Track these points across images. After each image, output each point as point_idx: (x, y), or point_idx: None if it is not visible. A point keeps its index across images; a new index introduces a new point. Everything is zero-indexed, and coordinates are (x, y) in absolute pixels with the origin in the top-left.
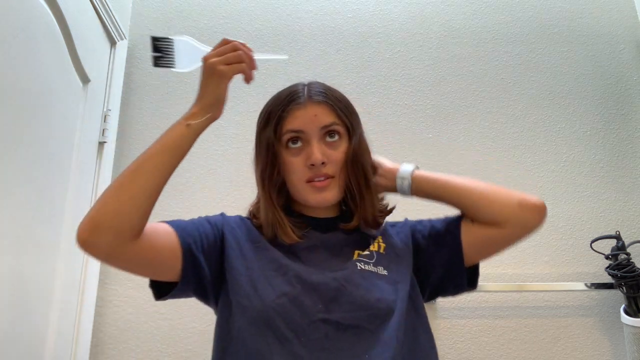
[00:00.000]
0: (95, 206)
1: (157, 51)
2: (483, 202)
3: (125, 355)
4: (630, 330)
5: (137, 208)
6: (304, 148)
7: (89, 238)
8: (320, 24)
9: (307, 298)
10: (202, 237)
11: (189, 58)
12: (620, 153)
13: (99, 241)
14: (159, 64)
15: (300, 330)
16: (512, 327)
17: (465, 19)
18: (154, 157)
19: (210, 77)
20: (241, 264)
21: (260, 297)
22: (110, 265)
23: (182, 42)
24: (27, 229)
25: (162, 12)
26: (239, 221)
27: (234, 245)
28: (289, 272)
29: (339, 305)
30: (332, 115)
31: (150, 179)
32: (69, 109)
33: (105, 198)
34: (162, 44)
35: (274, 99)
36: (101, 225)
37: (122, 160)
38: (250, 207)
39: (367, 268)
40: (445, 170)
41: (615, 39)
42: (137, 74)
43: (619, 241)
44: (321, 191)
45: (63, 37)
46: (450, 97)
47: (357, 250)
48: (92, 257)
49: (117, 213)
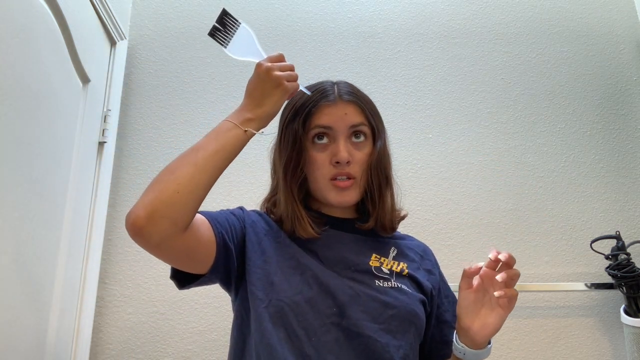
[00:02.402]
0: (149, 195)
1: (221, 24)
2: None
3: (125, 355)
4: (630, 330)
5: (194, 201)
6: (330, 145)
7: (145, 226)
8: (320, 24)
9: (322, 300)
10: (231, 228)
11: (243, 49)
12: (620, 153)
13: (154, 230)
14: (215, 35)
15: (312, 330)
16: (512, 327)
17: (465, 19)
18: (214, 155)
19: (274, 89)
20: (260, 258)
21: (276, 292)
22: (154, 255)
23: (246, 31)
24: (27, 229)
25: (162, 12)
26: (257, 216)
27: (254, 239)
28: (306, 272)
29: (352, 312)
30: (361, 116)
31: (209, 176)
32: (69, 109)
33: (162, 188)
34: (228, 21)
35: (301, 94)
36: (159, 214)
37: (122, 160)
38: (266, 203)
39: (387, 285)
40: (445, 170)
41: (615, 39)
42: (137, 74)
43: (619, 241)
44: (343, 191)
45: (63, 37)
46: (450, 97)
47: (374, 253)
48: (141, 245)
49: (175, 203)
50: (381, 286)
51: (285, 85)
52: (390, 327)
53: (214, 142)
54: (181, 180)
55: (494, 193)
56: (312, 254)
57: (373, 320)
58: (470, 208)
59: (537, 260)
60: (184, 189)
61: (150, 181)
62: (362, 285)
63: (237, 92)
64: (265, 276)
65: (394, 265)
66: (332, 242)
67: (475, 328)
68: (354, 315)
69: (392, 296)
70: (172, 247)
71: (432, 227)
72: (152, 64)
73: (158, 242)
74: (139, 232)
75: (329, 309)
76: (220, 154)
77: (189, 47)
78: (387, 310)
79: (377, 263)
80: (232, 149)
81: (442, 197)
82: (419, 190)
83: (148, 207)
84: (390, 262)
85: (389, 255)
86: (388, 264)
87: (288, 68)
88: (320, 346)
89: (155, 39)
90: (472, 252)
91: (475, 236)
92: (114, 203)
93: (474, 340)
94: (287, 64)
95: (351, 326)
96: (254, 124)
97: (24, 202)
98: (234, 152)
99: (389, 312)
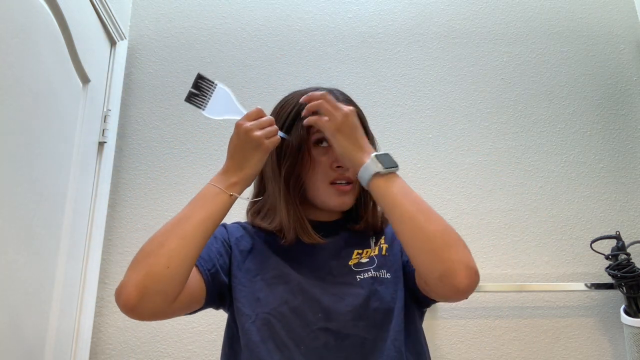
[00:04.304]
0: (140, 271)
1: (196, 89)
2: (411, 251)
3: (125, 355)
4: (630, 330)
5: (185, 272)
6: (329, 149)
7: (137, 304)
8: (320, 24)
9: (308, 307)
10: (217, 257)
11: (222, 108)
12: (620, 153)
13: (146, 306)
14: (191, 100)
15: (300, 339)
16: (512, 327)
17: (465, 19)
18: (201, 225)
19: (254, 150)
20: (245, 276)
21: (262, 306)
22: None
23: (223, 91)
24: (27, 229)
25: (162, 12)
26: (240, 229)
27: (239, 257)
28: (291, 281)
29: (338, 315)
30: (357, 122)
31: (198, 246)
32: (69, 109)
33: (152, 263)
34: (204, 84)
35: (299, 99)
36: (150, 291)
37: (122, 160)
38: (256, 215)
39: (368, 276)
40: (445, 170)
41: (615, 39)
42: (137, 74)
43: (619, 241)
44: (343, 195)
45: (63, 37)
46: (450, 97)
47: (356, 250)
48: (134, 319)
49: (166, 278)
50: (362, 279)
51: (266, 144)
52: (376, 320)
53: (200, 210)
54: (171, 253)
55: (494, 193)
56: (295, 262)
57: (359, 317)
58: (470, 208)
59: (537, 260)
60: (174, 262)
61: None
62: (345, 285)
63: (237, 93)
64: (251, 293)
65: (374, 250)
66: (315, 248)
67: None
68: (340, 317)
69: (373, 288)
70: (167, 314)
71: None
72: (152, 64)
73: (151, 316)
74: (132, 310)
75: (315, 315)
76: (207, 222)
77: (189, 47)
78: (371, 304)
79: (357, 260)
80: (218, 215)
81: (442, 197)
82: (419, 190)
83: (140, 285)
84: (369, 251)
85: (370, 244)
86: (367, 253)
87: (267, 124)
88: (310, 353)
89: (155, 39)
90: (472, 252)
91: (475, 236)
92: (114, 203)
93: (351, 162)
94: (266, 119)
95: (339, 329)
96: (238, 188)
97: (24, 202)
98: (220, 217)
99: (373, 306)
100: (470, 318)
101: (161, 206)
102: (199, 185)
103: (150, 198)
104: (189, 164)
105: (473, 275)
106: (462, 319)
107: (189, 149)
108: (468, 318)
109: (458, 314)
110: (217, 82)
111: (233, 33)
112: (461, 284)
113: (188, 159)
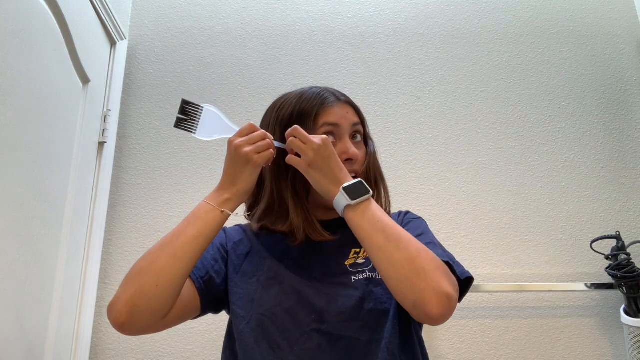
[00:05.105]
0: (130, 288)
1: (184, 114)
2: (385, 281)
3: (125, 355)
4: (630, 330)
5: (175, 290)
6: (336, 143)
7: (126, 321)
8: (320, 25)
9: (301, 309)
10: (211, 263)
11: (213, 128)
12: (620, 153)
13: (135, 323)
14: (180, 126)
15: (293, 340)
16: (512, 327)
17: (465, 19)
18: (192, 242)
19: (244, 166)
20: (241, 280)
21: (256, 308)
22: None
23: (210, 112)
24: (27, 229)
25: (162, 12)
26: (240, 232)
27: (235, 262)
28: (285, 282)
29: (330, 316)
30: (357, 117)
31: (189, 263)
32: (69, 109)
33: (142, 282)
34: (190, 109)
35: (298, 99)
36: (139, 308)
37: (122, 160)
38: (260, 220)
39: (362, 277)
40: (445, 170)
41: (615, 39)
42: (137, 74)
43: (619, 241)
44: None
45: (63, 37)
46: (450, 97)
47: (354, 248)
48: (125, 335)
49: (154, 296)
50: (357, 280)
51: (255, 159)
52: (370, 322)
53: (192, 228)
54: (160, 272)
55: (494, 193)
56: (292, 263)
57: (352, 319)
58: (470, 208)
59: (537, 260)
60: (163, 280)
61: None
62: (340, 286)
63: (237, 93)
64: (246, 295)
65: None
66: (314, 248)
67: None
68: (333, 319)
69: (368, 290)
70: (157, 328)
71: (432, 227)
72: (152, 64)
73: (141, 332)
74: (121, 327)
75: (308, 316)
76: (198, 240)
77: (189, 47)
78: (364, 305)
79: (353, 260)
80: (210, 233)
81: (442, 197)
82: (419, 190)
83: (129, 303)
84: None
85: None
86: (364, 253)
87: (258, 139)
88: (303, 354)
89: (155, 39)
90: (473, 252)
91: (475, 236)
92: (114, 203)
93: (325, 196)
94: (257, 134)
95: (332, 330)
96: (231, 204)
97: (24, 202)
98: (212, 234)
99: (367, 307)
100: (470, 318)
101: (161, 206)
102: (198, 186)
103: (150, 198)
104: (189, 164)
105: (444, 301)
106: (462, 319)
107: (189, 149)
108: (468, 318)
109: (458, 314)
110: (203, 105)
111: (233, 33)
112: (432, 312)
113: (188, 159)
